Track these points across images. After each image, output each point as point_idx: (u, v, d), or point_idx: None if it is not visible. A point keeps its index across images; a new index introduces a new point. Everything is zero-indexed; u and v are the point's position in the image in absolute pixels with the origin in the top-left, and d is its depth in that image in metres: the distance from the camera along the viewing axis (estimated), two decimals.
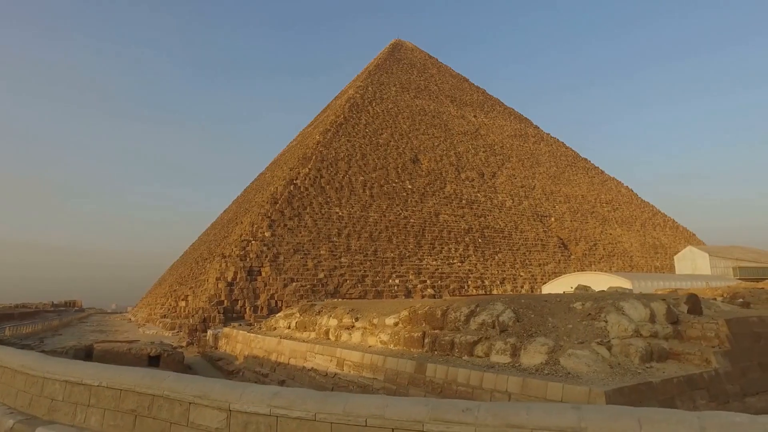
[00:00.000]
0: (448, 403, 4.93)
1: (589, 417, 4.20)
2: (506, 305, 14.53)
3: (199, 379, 6.38)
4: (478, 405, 4.74)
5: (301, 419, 5.41)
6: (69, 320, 67.43)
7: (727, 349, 12.20)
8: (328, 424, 5.32)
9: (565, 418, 4.26)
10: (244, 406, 5.72)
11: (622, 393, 9.41)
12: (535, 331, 13.33)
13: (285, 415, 5.52)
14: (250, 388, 6.10)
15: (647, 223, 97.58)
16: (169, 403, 6.02)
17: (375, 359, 15.81)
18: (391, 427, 5.06)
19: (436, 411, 4.74)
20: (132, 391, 6.37)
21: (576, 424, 4.19)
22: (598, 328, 13.03)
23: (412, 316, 17.16)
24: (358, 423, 5.18)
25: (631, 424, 4.01)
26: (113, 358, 23.96)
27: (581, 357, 11.47)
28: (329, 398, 5.43)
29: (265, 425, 5.64)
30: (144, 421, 6.13)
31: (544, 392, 10.11)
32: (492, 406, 4.73)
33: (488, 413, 4.51)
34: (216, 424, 5.86)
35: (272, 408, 5.61)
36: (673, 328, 13.37)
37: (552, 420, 4.30)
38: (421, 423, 4.87)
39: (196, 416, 6.03)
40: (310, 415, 5.38)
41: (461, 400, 5.22)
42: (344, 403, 5.24)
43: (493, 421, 4.47)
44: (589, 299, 14.52)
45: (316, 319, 23.75)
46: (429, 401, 5.05)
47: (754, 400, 11.79)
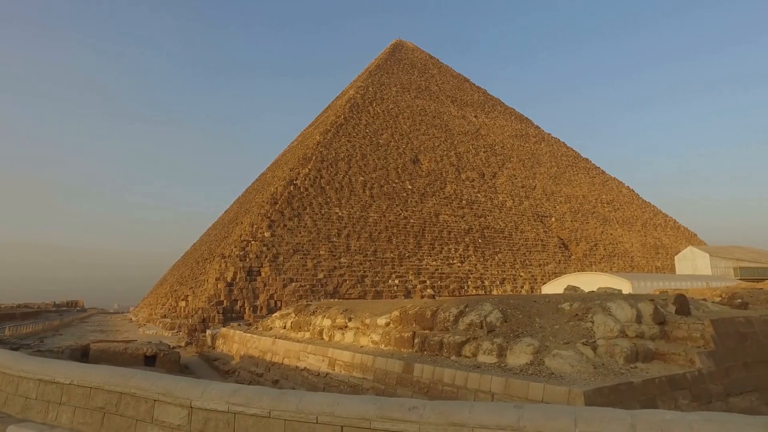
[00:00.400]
0: (395, 402, 5.06)
1: (528, 416, 4.31)
2: (494, 306, 14.61)
3: (165, 377, 6.50)
4: (425, 404, 4.86)
5: (257, 416, 5.56)
6: (70, 320, 67.76)
7: (711, 350, 12.24)
8: (282, 421, 5.46)
9: (506, 416, 4.37)
10: (204, 404, 5.88)
11: (601, 393, 9.48)
12: (522, 331, 13.40)
13: (242, 412, 5.67)
14: (211, 386, 6.22)
15: (648, 223, 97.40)
16: (136, 401, 6.15)
17: (365, 359, 15.92)
18: (340, 425, 5.20)
19: (384, 409, 4.87)
20: (101, 389, 6.49)
21: (515, 422, 4.31)
22: (585, 328, 13.09)
23: (402, 317, 17.26)
24: (309, 420, 5.32)
25: (567, 422, 4.12)
26: (109, 357, 24.13)
27: (565, 357, 11.54)
28: (284, 396, 5.57)
29: (224, 422, 5.78)
30: (112, 418, 6.26)
31: (526, 392, 10.19)
32: (437, 405, 4.84)
33: (432, 412, 4.63)
34: (178, 420, 6.00)
35: (230, 405, 5.76)
36: (660, 328, 13.42)
37: (493, 419, 4.42)
38: (368, 421, 5.01)
39: (160, 413, 6.16)
40: (265, 412, 5.53)
41: (410, 399, 5.34)
42: (298, 401, 5.39)
43: (437, 420, 4.58)
44: (577, 300, 14.59)
45: (311, 320, 23.86)
46: (377, 399, 5.18)
47: (738, 399, 11.84)
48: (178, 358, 25.97)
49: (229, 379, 26.17)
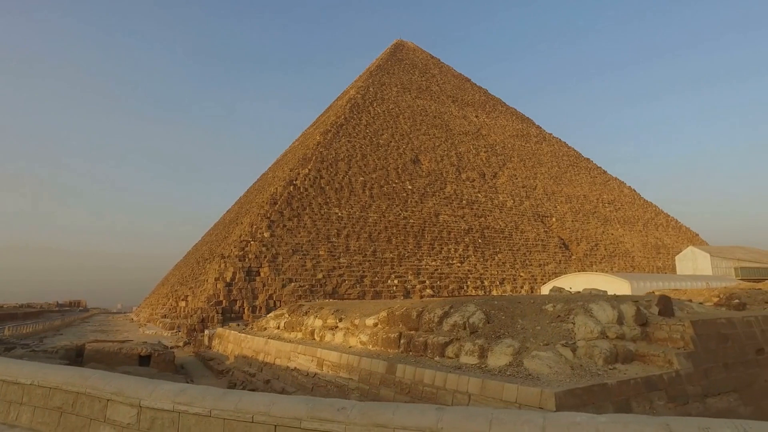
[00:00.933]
0: (325, 402, 5.23)
1: (446, 417, 4.44)
2: (478, 307, 14.69)
3: (119, 377, 6.67)
4: (353, 405, 5.02)
5: (199, 415, 5.75)
6: (71, 320, 68.18)
7: (690, 351, 12.29)
8: (221, 420, 5.66)
9: (426, 418, 4.51)
10: (152, 403, 6.03)
11: (573, 394, 9.55)
12: (504, 332, 13.48)
13: (186, 411, 5.86)
14: (161, 385, 6.38)
15: (649, 223, 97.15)
16: (90, 400, 6.32)
17: (351, 360, 16.03)
18: (274, 424, 5.38)
19: (314, 410, 5.04)
20: (59, 389, 6.66)
21: (434, 424, 4.44)
22: (565, 329, 13.17)
23: (389, 318, 17.36)
24: (246, 419, 5.51)
25: (483, 424, 4.25)
26: (104, 357, 24.33)
27: (544, 358, 11.61)
28: (225, 396, 5.75)
29: (169, 420, 5.96)
30: (68, 417, 6.43)
31: (501, 393, 10.27)
32: (364, 406, 4.99)
33: (359, 413, 4.78)
34: (128, 419, 6.16)
35: (175, 404, 5.92)
36: (642, 329, 13.47)
37: (413, 420, 4.56)
38: (299, 420, 5.18)
39: (112, 412, 6.33)
40: (206, 411, 5.72)
41: (339, 400, 5.49)
42: (237, 400, 5.59)
43: (361, 420, 4.72)
44: (560, 301, 14.66)
45: (303, 320, 24.01)
46: (310, 400, 5.37)
47: (715, 400, 11.90)
48: (172, 358, 26.15)
49: (222, 379, 26.37)
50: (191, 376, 27.52)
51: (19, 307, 78.30)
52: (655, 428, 3.85)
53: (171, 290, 76.63)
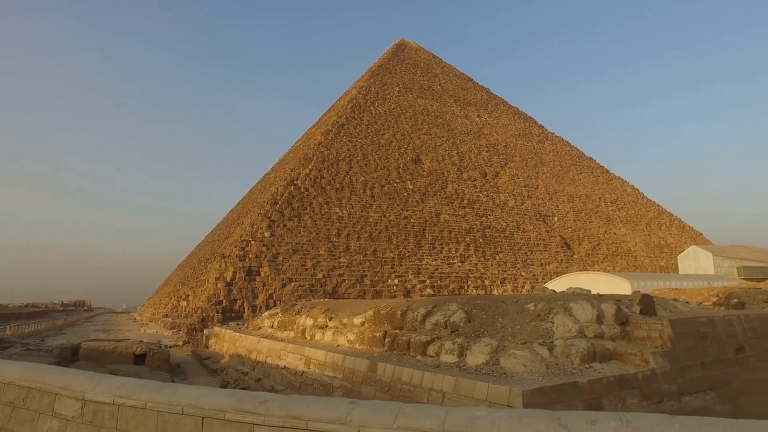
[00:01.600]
0: (250, 395, 5.47)
1: (356, 410, 4.62)
2: (460, 306, 14.80)
3: (68, 372, 6.89)
4: (275, 398, 5.26)
5: (136, 407, 6.01)
6: (75, 320, 68.76)
7: (668, 349, 12.35)
8: (155, 412, 5.94)
9: (337, 411, 4.69)
10: (94, 396, 6.28)
11: (542, 393, 9.64)
12: (484, 331, 13.58)
13: (124, 404, 6.15)
14: (105, 380, 6.60)
15: (653, 222, 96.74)
16: (40, 395, 6.55)
17: (336, 358, 16.18)
18: (201, 416, 5.63)
19: (238, 402, 5.27)
20: (13, 385, 6.89)
21: (344, 417, 4.62)
22: (544, 328, 13.26)
23: (376, 317, 17.50)
24: (177, 411, 5.78)
25: (389, 417, 4.40)
26: (99, 356, 24.60)
27: (519, 357, 11.71)
28: (162, 390, 5.98)
29: (109, 413, 6.23)
30: (19, 412, 6.66)
31: (472, 392, 10.38)
32: (284, 399, 5.22)
33: (278, 406, 5.00)
34: (72, 413, 6.36)
35: (115, 397, 6.18)
36: (621, 328, 13.54)
37: (326, 413, 4.74)
38: (223, 412, 5.41)
39: (59, 406, 6.57)
40: (142, 404, 5.97)
41: (265, 393, 5.66)
42: (171, 393, 5.83)
43: (279, 413, 4.94)
44: (542, 300, 14.74)
45: (296, 319, 24.19)
46: (236, 393, 5.62)
47: (691, 398, 11.95)
48: (167, 357, 26.38)
49: (216, 378, 26.58)
50: (186, 374, 27.78)
51: (24, 306, 79.02)
52: (546, 422, 3.97)
53: (173, 290, 77.11)
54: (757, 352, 14.15)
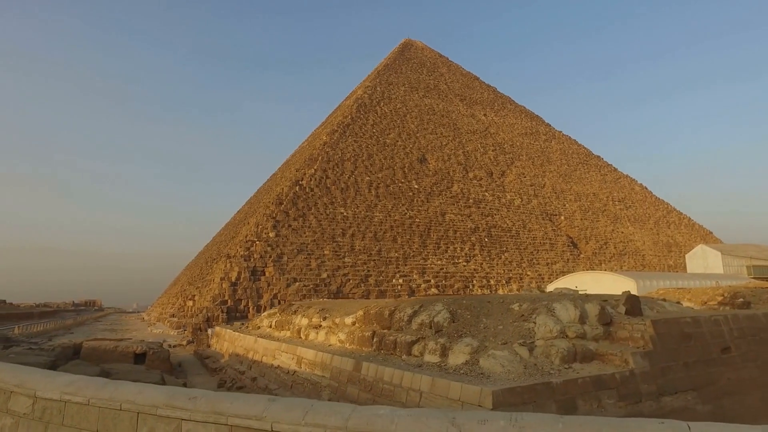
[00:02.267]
0: (182, 392, 5.72)
1: (271, 408, 4.84)
2: (445, 306, 14.89)
3: (25, 370, 7.18)
4: (205, 394, 5.53)
5: (80, 404, 6.30)
6: (84, 319, 69.71)
7: (648, 350, 12.35)
8: (97, 408, 6.23)
9: (255, 408, 4.94)
10: (44, 393, 6.60)
11: (513, 393, 9.72)
12: (466, 331, 13.67)
13: (69, 400, 6.45)
14: (58, 377, 6.87)
15: (661, 221, 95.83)
16: None
17: (325, 358, 16.34)
18: (137, 411, 5.95)
19: (170, 399, 5.54)
20: None
21: (260, 413, 4.85)
22: (526, 329, 13.31)
23: (365, 316, 17.65)
24: (115, 407, 6.09)
25: (299, 413, 4.61)
26: (100, 355, 25.00)
27: (498, 357, 11.79)
28: (105, 386, 6.26)
29: (56, 409, 6.53)
30: None
31: (447, 392, 10.49)
32: (211, 396, 5.47)
33: (204, 402, 5.29)
34: (24, 409, 6.66)
35: (63, 394, 6.50)
36: (605, 329, 13.56)
37: (245, 409, 5.01)
38: (156, 407, 5.68)
39: (13, 403, 6.87)
40: (86, 400, 6.27)
41: (196, 390, 5.89)
42: (113, 390, 6.11)
43: (205, 408, 5.22)
44: (527, 301, 14.78)
45: (292, 319, 24.41)
46: (171, 390, 5.90)
47: (671, 399, 11.95)
48: (167, 356, 26.73)
49: (215, 377, 26.90)
50: (186, 373, 28.12)
51: (36, 306, 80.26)
52: (440, 420, 4.10)
53: (181, 290, 77.87)
54: (743, 352, 14.09)
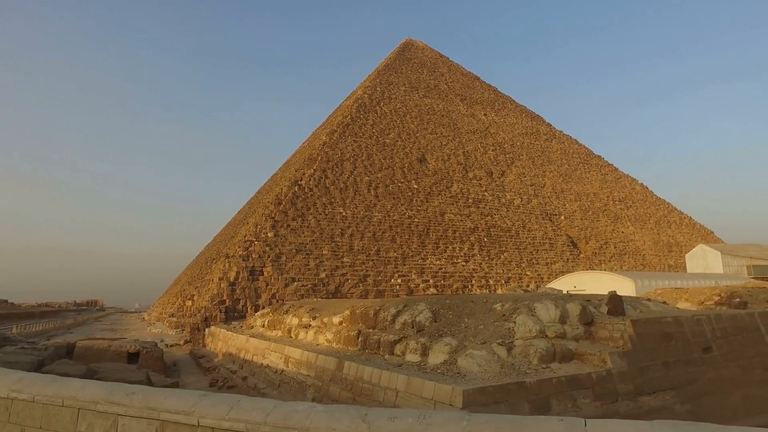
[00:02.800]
0: (120, 387, 5.87)
1: (200, 403, 5.01)
2: (428, 306, 14.95)
3: None
4: (142, 390, 5.70)
5: (26, 401, 6.51)
6: (84, 319, 70.03)
7: (627, 350, 12.38)
8: (41, 404, 6.42)
9: (185, 403, 5.10)
10: None
11: (484, 392, 9.77)
12: (447, 331, 13.72)
13: (16, 398, 6.65)
14: (10, 375, 7.05)
15: (662, 220, 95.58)
16: None
17: (310, 357, 16.42)
18: (78, 407, 6.13)
19: (109, 394, 5.74)
20: None
21: (189, 408, 5.00)
22: (506, 328, 13.36)
23: (352, 316, 17.73)
24: (58, 403, 6.27)
25: (224, 408, 4.77)
26: (93, 354, 25.14)
27: (476, 357, 11.84)
28: (50, 384, 6.46)
29: (3, 407, 6.74)
30: None
31: (421, 391, 10.55)
32: (147, 392, 5.66)
33: (140, 398, 5.48)
34: None
35: (10, 392, 6.74)
36: (585, 329, 13.59)
37: (175, 404, 5.19)
38: (95, 403, 5.82)
39: None
40: (31, 397, 6.52)
41: (134, 386, 6.03)
42: (57, 387, 6.31)
43: (140, 404, 5.43)
44: (509, 300, 14.82)
45: (283, 318, 24.51)
46: (111, 386, 6.05)
47: (649, 398, 11.97)
48: (160, 356, 26.86)
49: (208, 376, 27.02)
50: (180, 373, 28.25)
51: (37, 306, 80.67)
52: (352, 417, 4.19)
53: (181, 290, 78.16)
54: (724, 352, 14.10)
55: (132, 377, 15.14)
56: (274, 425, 4.46)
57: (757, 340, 15.14)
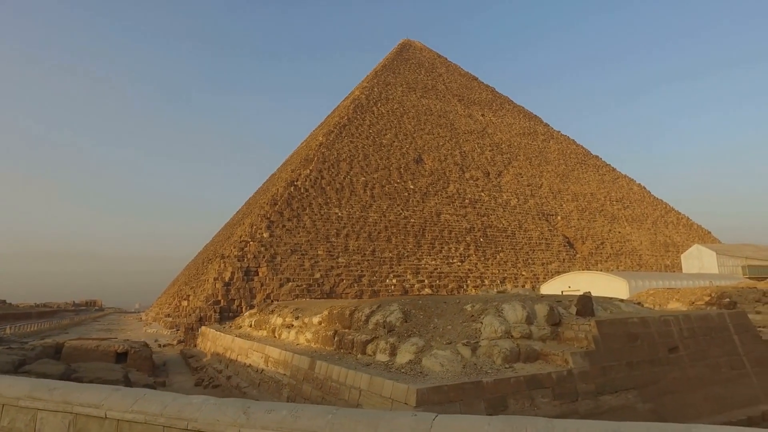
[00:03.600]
0: (44, 383, 6.22)
1: (110, 397, 5.36)
2: (400, 306, 15.17)
3: None
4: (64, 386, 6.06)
5: None
6: (82, 319, 70.37)
7: (590, 350, 12.59)
8: None
9: (96, 397, 5.49)
10: None
11: (439, 391, 9.98)
12: (416, 331, 13.94)
13: None
14: None
15: (659, 220, 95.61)
16: None
17: (287, 356, 16.66)
18: (2, 402, 6.43)
19: (32, 390, 6.14)
20: None
21: (98, 402, 5.36)
22: (474, 329, 13.58)
23: (330, 316, 17.96)
24: None
25: (130, 401, 5.16)
26: (81, 354, 25.42)
27: (439, 357, 12.06)
28: None
29: None
30: None
31: (381, 389, 10.78)
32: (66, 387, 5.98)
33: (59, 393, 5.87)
34: None
35: None
36: (553, 329, 13.80)
37: (87, 398, 5.54)
38: (18, 399, 6.26)
39: None
40: None
41: (57, 381, 6.31)
42: None
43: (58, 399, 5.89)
44: (480, 301, 15.04)
45: (269, 318, 24.77)
46: (36, 382, 6.36)
47: (611, 397, 12.17)
48: (148, 355, 27.11)
49: (195, 376, 27.29)
50: (168, 372, 28.52)
51: (35, 306, 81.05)
52: (235, 409, 4.57)
53: (178, 290, 78.51)
54: (691, 352, 14.29)
55: (110, 376, 15.39)
56: (168, 416, 4.74)
57: (725, 339, 15.32)
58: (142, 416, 4.96)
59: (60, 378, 14.54)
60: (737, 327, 15.92)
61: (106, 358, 25.68)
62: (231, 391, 20.56)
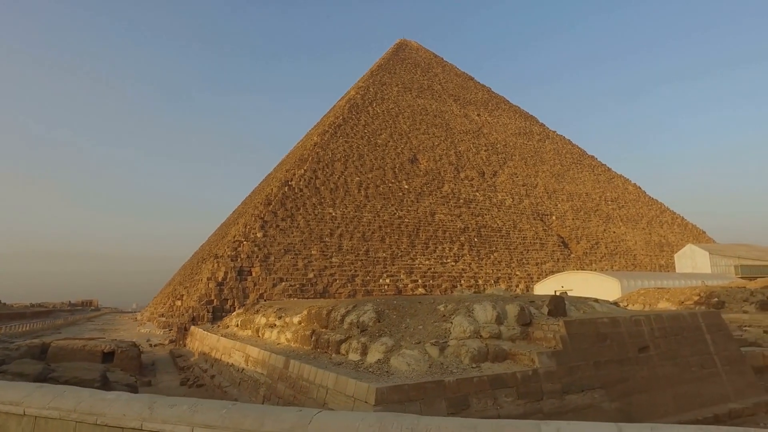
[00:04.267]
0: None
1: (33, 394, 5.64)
2: (373, 306, 15.31)
3: None
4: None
5: None
6: (76, 319, 70.44)
7: (558, 349, 12.73)
8: None
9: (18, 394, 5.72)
10: None
11: (399, 390, 10.12)
12: (387, 331, 14.08)
13: None
14: None
15: (654, 221, 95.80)
16: None
17: (264, 356, 16.81)
18: None
19: None
20: None
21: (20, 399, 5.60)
22: (444, 329, 13.72)
23: (308, 316, 18.10)
24: None
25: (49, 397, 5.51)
26: (67, 354, 25.51)
27: (407, 356, 12.20)
28: None
29: None
30: None
31: (345, 388, 10.93)
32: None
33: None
34: None
35: None
36: (523, 329, 13.94)
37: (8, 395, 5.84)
38: None
39: None
40: None
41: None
42: None
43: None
44: (452, 302, 15.18)
45: (254, 318, 24.91)
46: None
47: (577, 397, 12.31)
48: (136, 355, 27.23)
49: (182, 375, 27.42)
50: (156, 372, 28.64)
51: (30, 306, 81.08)
52: (141, 403, 4.71)
53: (173, 290, 78.62)
54: (661, 351, 14.43)
55: (87, 376, 15.51)
56: (81, 412, 4.97)
57: (697, 339, 15.47)
58: (57, 412, 5.14)
59: (36, 378, 14.64)
60: (710, 326, 16.06)
61: (92, 358, 25.76)
62: (214, 391, 20.72)
